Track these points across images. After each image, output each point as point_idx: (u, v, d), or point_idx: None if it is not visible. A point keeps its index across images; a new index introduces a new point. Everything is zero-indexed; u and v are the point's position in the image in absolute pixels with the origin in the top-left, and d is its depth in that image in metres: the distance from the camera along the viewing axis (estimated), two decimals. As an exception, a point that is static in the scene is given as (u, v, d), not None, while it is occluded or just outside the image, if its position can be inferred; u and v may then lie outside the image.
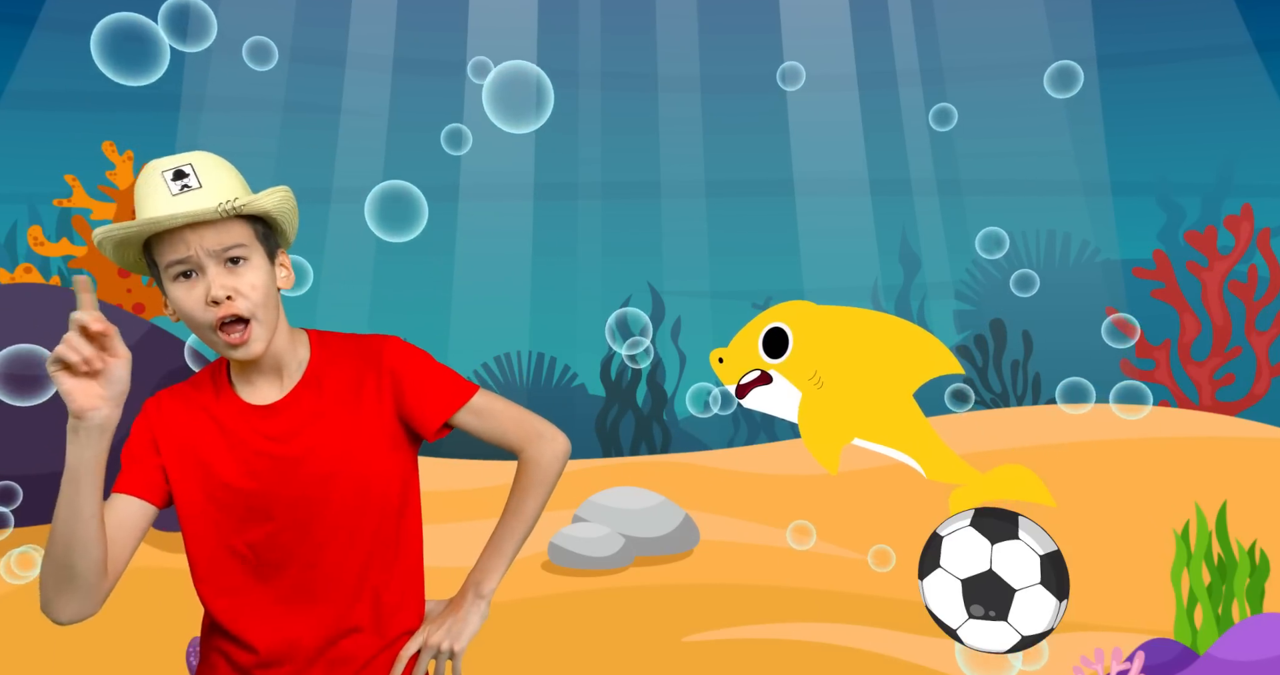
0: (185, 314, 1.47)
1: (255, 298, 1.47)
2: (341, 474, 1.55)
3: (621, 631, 3.84)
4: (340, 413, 1.56)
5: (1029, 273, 5.27)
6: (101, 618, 3.85)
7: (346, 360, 1.60)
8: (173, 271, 1.46)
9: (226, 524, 1.53)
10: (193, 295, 1.45)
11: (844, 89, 8.83)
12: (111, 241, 1.46)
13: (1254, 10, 7.96)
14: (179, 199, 1.43)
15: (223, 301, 1.44)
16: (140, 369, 5.11)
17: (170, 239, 1.44)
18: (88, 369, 1.29)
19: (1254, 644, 2.95)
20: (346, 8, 8.77)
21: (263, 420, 1.54)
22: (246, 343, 1.47)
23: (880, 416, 1.80)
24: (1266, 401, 6.41)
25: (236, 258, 1.47)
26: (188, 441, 1.55)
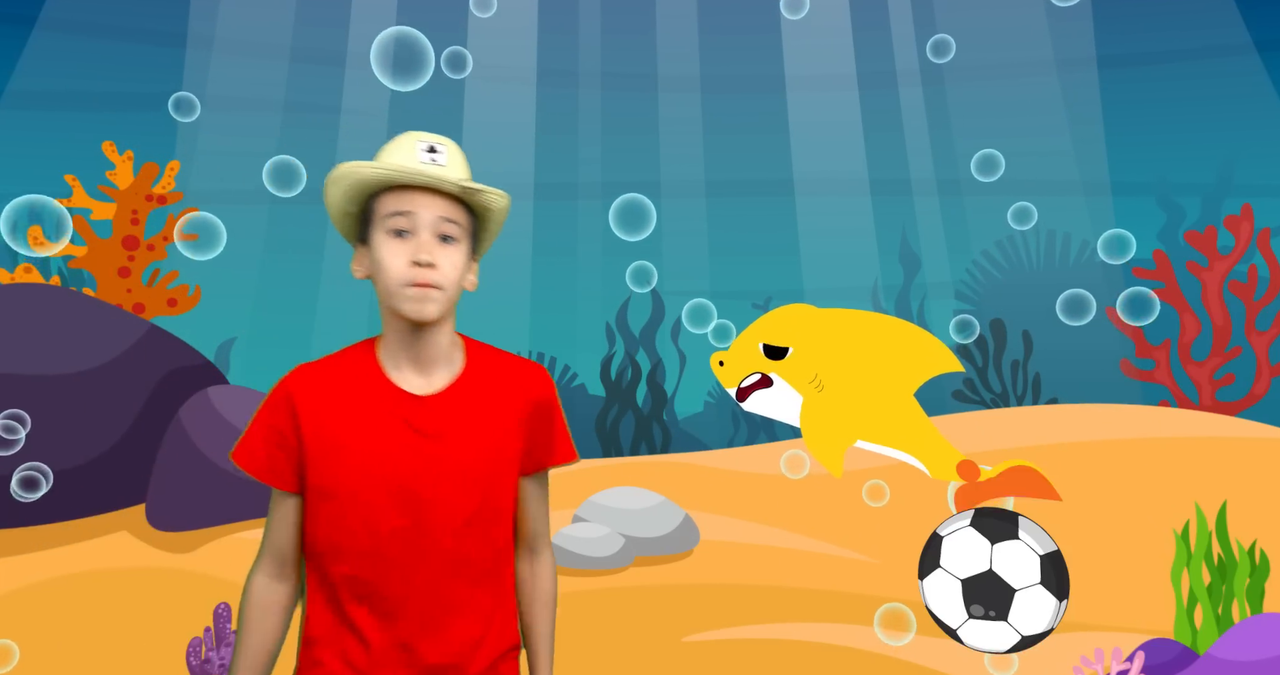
0: (382, 265, 1.53)
1: (451, 276, 1.54)
2: (473, 479, 1.58)
3: (621, 631, 3.84)
4: (485, 422, 1.60)
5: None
6: (101, 617, 3.84)
7: (499, 375, 1.64)
8: (389, 224, 1.53)
9: (365, 507, 1.55)
10: (401, 251, 1.52)
11: (844, 89, 8.83)
12: (352, 178, 1.54)
13: (1254, 10, 7.96)
14: (426, 165, 1.54)
15: (424, 266, 1.51)
16: (140, 369, 5.09)
17: (402, 195, 1.54)
18: None
19: (1254, 644, 2.95)
20: (346, 8, 8.77)
21: (412, 409, 1.57)
22: (426, 300, 1.52)
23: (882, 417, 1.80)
24: (1266, 401, 6.41)
25: (448, 236, 1.55)
26: (331, 417, 1.56)
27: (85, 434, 5.03)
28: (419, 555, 1.56)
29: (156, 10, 8.39)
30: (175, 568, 4.47)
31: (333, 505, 1.55)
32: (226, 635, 3.08)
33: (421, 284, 1.51)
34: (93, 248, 6.35)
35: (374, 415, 1.56)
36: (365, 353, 1.61)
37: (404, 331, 1.57)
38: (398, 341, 1.58)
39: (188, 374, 5.45)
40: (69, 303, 5.37)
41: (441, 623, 1.57)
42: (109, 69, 8.20)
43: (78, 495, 4.99)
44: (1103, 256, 5.27)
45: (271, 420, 1.57)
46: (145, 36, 8.36)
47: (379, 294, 1.57)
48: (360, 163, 1.54)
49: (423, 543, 1.56)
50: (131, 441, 5.12)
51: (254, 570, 1.62)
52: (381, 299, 1.56)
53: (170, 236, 6.53)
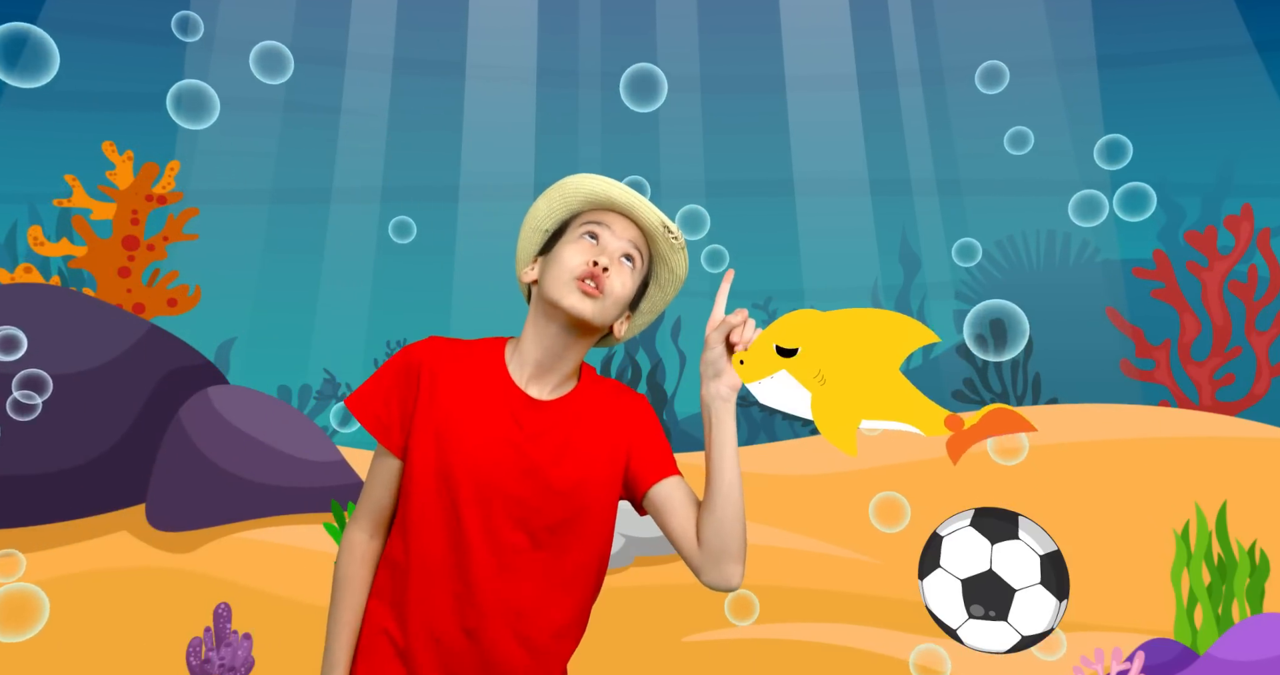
0: (561, 259, 1.59)
1: (618, 292, 1.60)
2: (563, 489, 1.59)
3: (621, 631, 3.84)
4: (590, 439, 1.63)
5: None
6: (102, 617, 3.85)
7: (608, 398, 1.69)
8: (583, 229, 1.62)
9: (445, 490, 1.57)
10: (585, 249, 1.60)
11: (844, 89, 8.83)
12: (578, 190, 1.64)
13: (1254, 10, 7.96)
14: (638, 197, 1.64)
15: (602, 269, 1.58)
16: (140, 369, 5.09)
17: (600, 213, 1.64)
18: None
19: (1254, 644, 2.95)
20: (346, 8, 8.77)
21: (526, 411, 1.60)
22: (590, 297, 1.57)
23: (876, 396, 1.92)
24: (1266, 401, 6.41)
25: (630, 257, 1.63)
26: (450, 395, 1.59)
27: (85, 434, 5.03)
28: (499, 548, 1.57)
29: (156, 10, 8.38)
30: (175, 568, 4.47)
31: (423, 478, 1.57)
32: (226, 635, 3.08)
33: (591, 277, 1.57)
34: (93, 248, 6.35)
35: (488, 406, 1.59)
36: (495, 349, 1.65)
37: (545, 334, 1.61)
38: (534, 343, 1.63)
39: (188, 374, 5.45)
40: (69, 303, 5.37)
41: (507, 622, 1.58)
42: (109, 69, 8.20)
43: (78, 495, 4.99)
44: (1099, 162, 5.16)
45: (396, 380, 1.61)
46: (145, 36, 8.36)
47: (541, 292, 1.61)
48: (586, 176, 1.64)
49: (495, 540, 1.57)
50: (131, 441, 5.12)
51: (353, 526, 1.64)
52: (541, 296, 1.61)
53: (170, 236, 6.53)
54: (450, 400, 1.59)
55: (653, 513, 1.69)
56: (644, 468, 1.67)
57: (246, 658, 3.12)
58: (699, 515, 1.70)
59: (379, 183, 8.60)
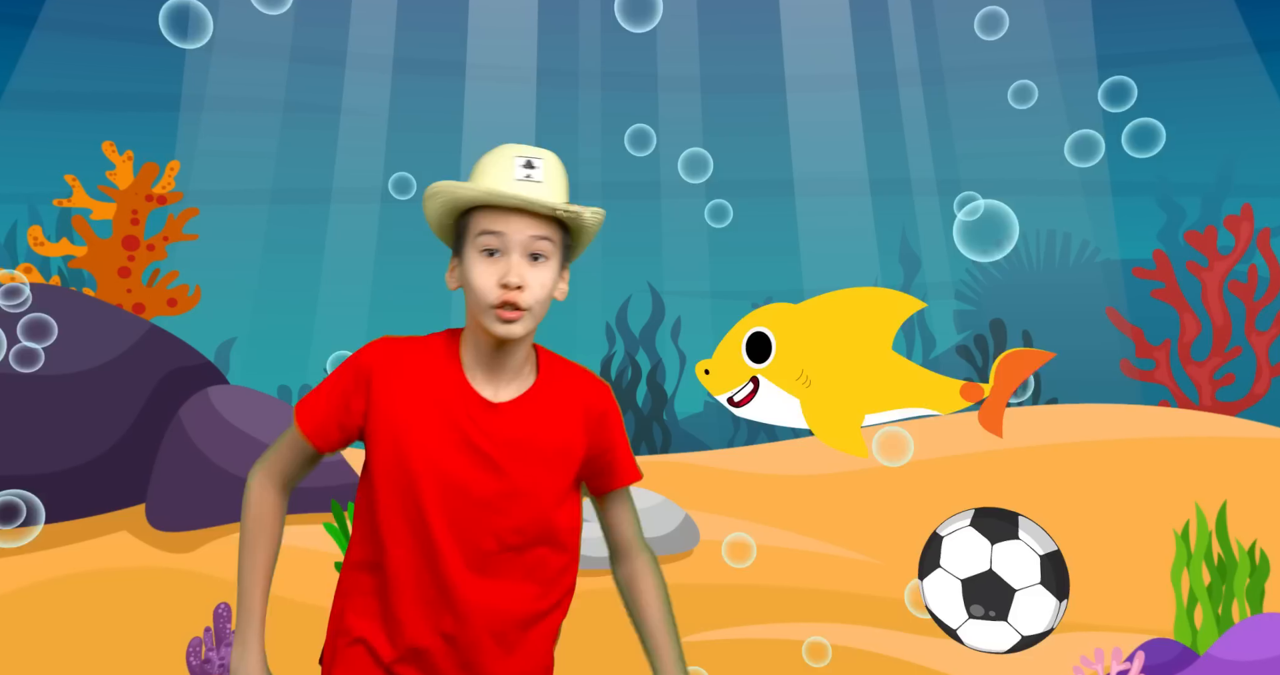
0: (471, 283, 1.56)
1: (539, 295, 1.56)
2: (523, 491, 1.59)
3: (622, 631, 3.83)
4: (547, 438, 1.62)
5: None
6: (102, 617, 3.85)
7: (569, 389, 1.67)
8: (481, 243, 1.55)
9: (409, 496, 1.57)
10: (490, 271, 1.55)
11: (844, 89, 8.83)
12: (446, 196, 1.57)
13: (1254, 10, 7.96)
14: (522, 184, 1.55)
15: (513, 288, 1.53)
16: (140, 369, 5.09)
17: (495, 215, 1.55)
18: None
19: (1254, 644, 2.95)
20: (346, 8, 8.77)
21: (484, 413, 1.59)
22: (513, 323, 1.55)
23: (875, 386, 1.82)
24: (1266, 401, 6.40)
25: (539, 254, 1.56)
26: (405, 399, 1.59)
27: (85, 434, 5.03)
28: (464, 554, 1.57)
29: (156, 10, 8.38)
30: (175, 568, 4.47)
31: (387, 483, 1.58)
32: (226, 635, 3.08)
33: (509, 304, 1.53)
34: (93, 248, 6.35)
35: (443, 409, 1.58)
36: (450, 346, 1.64)
37: (486, 344, 1.60)
38: (477, 349, 1.61)
39: (188, 374, 5.44)
40: (69, 303, 5.37)
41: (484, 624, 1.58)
42: (109, 69, 8.19)
43: (78, 495, 4.99)
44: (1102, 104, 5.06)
45: (343, 387, 1.61)
46: (145, 36, 8.35)
47: (467, 307, 1.60)
48: (454, 183, 1.57)
49: (463, 544, 1.57)
50: (131, 441, 5.12)
51: (263, 476, 1.65)
52: (469, 312, 1.59)
53: (170, 236, 6.53)
54: (406, 404, 1.58)
55: (596, 511, 1.75)
56: (599, 473, 1.69)
57: (246, 658, 3.11)
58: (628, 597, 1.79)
59: (379, 183, 8.60)
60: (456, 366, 1.61)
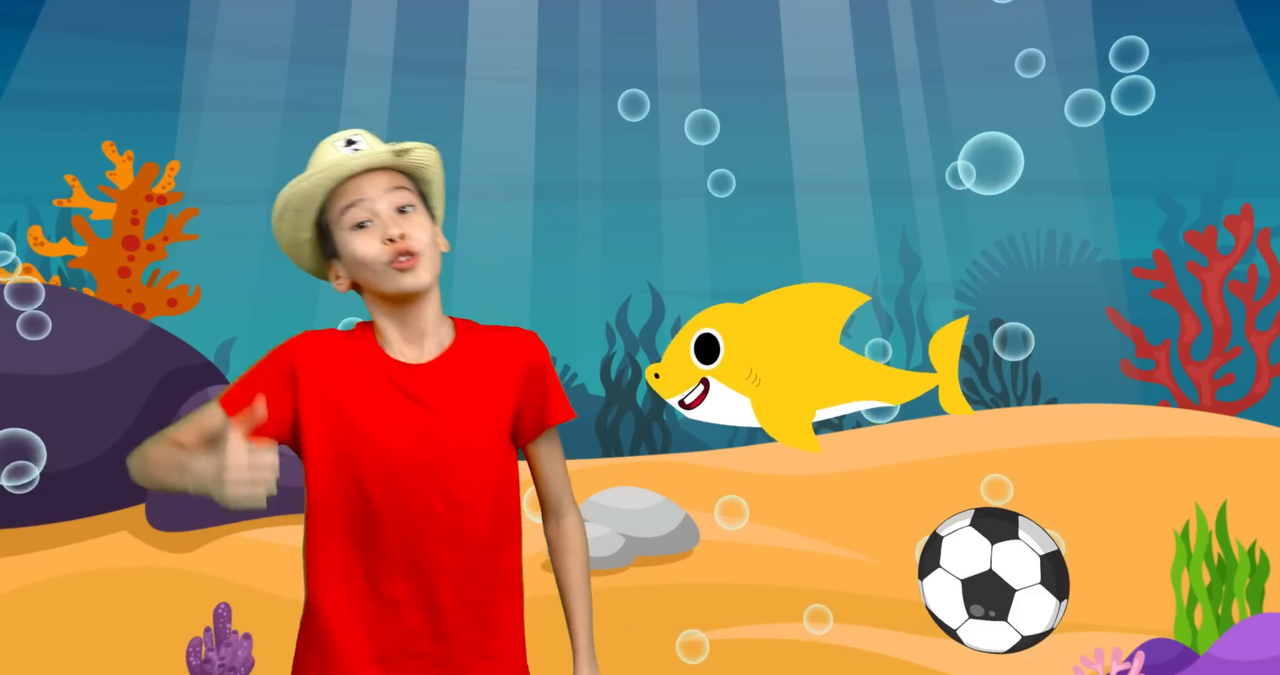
0: (361, 257, 1.57)
1: (425, 238, 1.59)
2: (465, 445, 1.61)
3: (621, 631, 3.84)
4: (477, 388, 1.64)
5: None
6: (102, 617, 3.85)
7: (490, 344, 1.69)
8: (347, 221, 1.58)
9: (350, 471, 1.58)
10: (370, 238, 1.57)
11: (844, 89, 8.83)
12: (294, 203, 1.60)
13: (1254, 10, 7.96)
14: (350, 155, 1.60)
15: (398, 239, 1.56)
16: (140, 369, 5.09)
17: (343, 189, 1.59)
18: None
19: (1254, 644, 2.95)
20: (346, 8, 8.77)
21: (406, 377, 1.61)
22: (414, 269, 1.57)
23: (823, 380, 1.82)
24: (1266, 401, 6.40)
25: (405, 207, 1.60)
26: (329, 385, 1.60)
27: (85, 434, 5.03)
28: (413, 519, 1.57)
29: (156, 10, 8.38)
30: (175, 568, 4.47)
31: (327, 465, 1.58)
32: (226, 635, 3.08)
33: (403, 253, 1.56)
34: (93, 248, 6.35)
35: (368, 382, 1.60)
36: (364, 330, 1.66)
37: (393, 312, 1.62)
38: (387, 321, 1.63)
39: (188, 374, 5.45)
40: (69, 303, 5.37)
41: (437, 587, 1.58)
42: (109, 69, 8.19)
43: (78, 495, 4.99)
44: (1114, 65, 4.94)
45: (268, 373, 1.62)
46: (145, 36, 8.35)
47: (366, 289, 1.62)
48: (296, 179, 1.60)
49: (415, 507, 1.57)
50: (131, 441, 5.09)
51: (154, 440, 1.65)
52: (370, 291, 1.61)
53: (170, 236, 6.53)
54: (332, 386, 1.60)
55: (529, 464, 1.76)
56: (530, 415, 1.70)
57: (246, 658, 3.12)
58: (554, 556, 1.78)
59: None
60: (373, 343, 1.63)
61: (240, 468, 1.38)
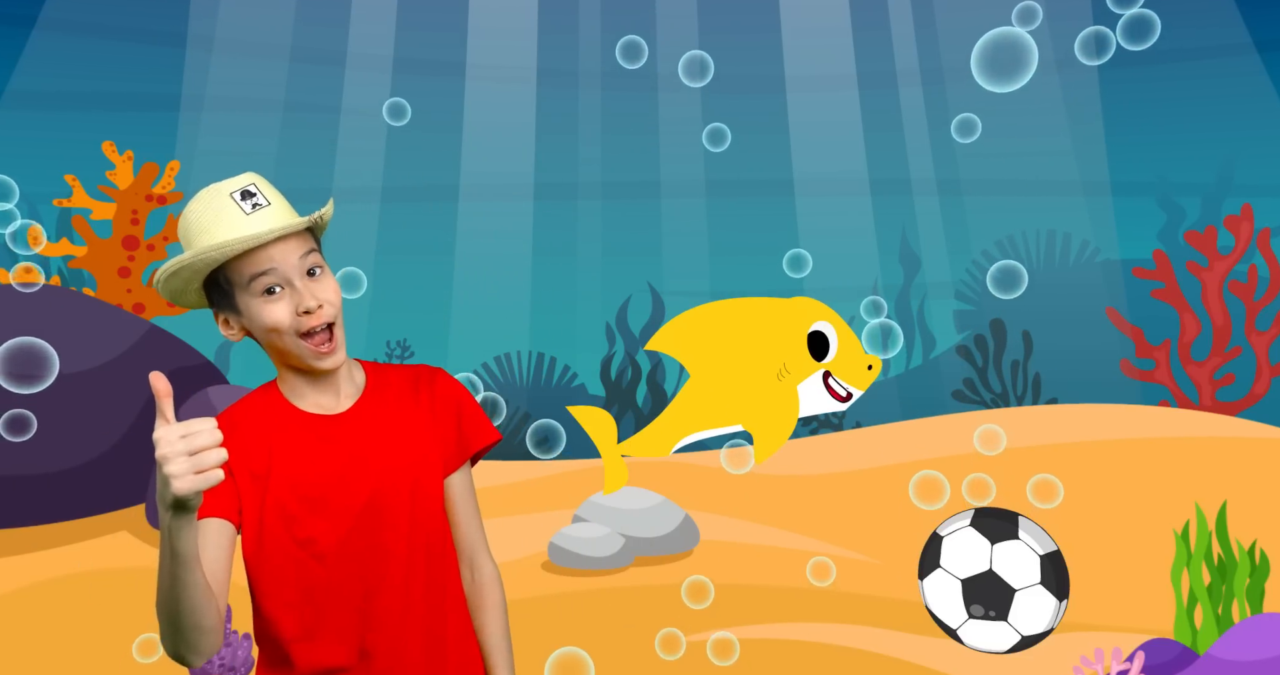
0: (271, 326, 1.50)
1: (335, 300, 1.54)
2: (401, 485, 1.58)
3: (621, 631, 3.83)
4: (399, 427, 1.61)
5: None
6: (102, 617, 3.85)
7: (401, 384, 1.66)
8: (258, 286, 1.49)
9: (292, 532, 1.54)
10: (282, 307, 1.50)
11: (844, 89, 8.83)
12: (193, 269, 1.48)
13: (1254, 10, 7.96)
14: (255, 217, 1.49)
15: (314, 310, 1.50)
16: (140, 369, 5.09)
17: (254, 256, 1.48)
18: None
19: (1254, 644, 2.95)
20: (346, 8, 8.77)
21: (328, 428, 1.58)
22: (334, 351, 1.54)
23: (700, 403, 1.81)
24: (1266, 401, 6.40)
25: (313, 269, 1.53)
26: (256, 454, 1.55)
27: (85, 434, 5.03)
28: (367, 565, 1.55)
29: (156, 10, 8.38)
30: (175, 568, 4.46)
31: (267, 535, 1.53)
32: (226, 635, 3.08)
33: (316, 335, 1.51)
34: (93, 248, 6.35)
35: (295, 442, 1.56)
36: (270, 392, 1.61)
37: (301, 375, 1.58)
38: (295, 378, 1.59)
39: (188, 374, 5.45)
40: (69, 303, 5.37)
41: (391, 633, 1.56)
42: (109, 69, 8.19)
43: (78, 495, 4.99)
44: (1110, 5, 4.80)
45: None
46: (145, 36, 8.35)
47: (273, 351, 1.55)
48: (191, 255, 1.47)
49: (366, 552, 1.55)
50: (131, 441, 5.12)
51: None
52: (278, 354, 1.55)
53: (170, 236, 6.53)
54: (262, 459, 1.54)
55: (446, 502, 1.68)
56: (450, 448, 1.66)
57: (246, 658, 3.12)
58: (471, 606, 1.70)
59: (379, 183, 8.60)
60: (286, 404, 1.59)
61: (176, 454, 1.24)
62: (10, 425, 4.38)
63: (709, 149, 5.55)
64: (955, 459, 5.37)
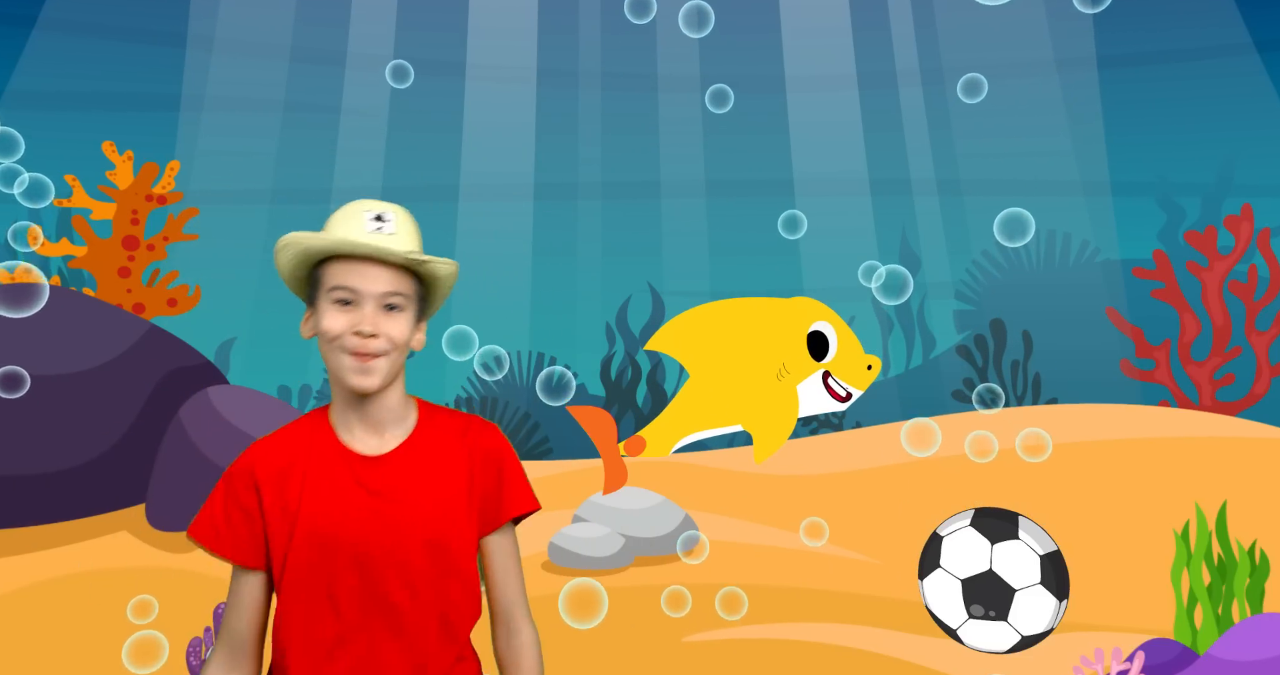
0: (325, 331, 1.55)
1: (397, 339, 1.56)
2: (424, 538, 1.57)
3: (621, 631, 3.83)
4: (438, 479, 1.60)
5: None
6: (102, 617, 3.86)
7: (451, 433, 1.65)
8: (335, 295, 1.55)
9: (322, 570, 1.55)
10: (342, 319, 1.54)
11: (844, 89, 8.83)
12: (297, 248, 1.57)
13: (1254, 10, 7.96)
14: (374, 235, 1.55)
15: (367, 337, 1.53)
16: (140, 369, 5.09)
17: (348, 266, 1.55)
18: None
19: (1254, 644, 2.95)
20: (346, 8, 8.77)
21: (365, 469, 1.58)
22: (370, 371, 1.54)
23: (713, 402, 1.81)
24: (1266, 401, 6.41)
25: (393, 305, 1.56)
26: (289, 487, 1.57)
27: (85, 434, 5.03)
28: (376, 615, 1.55)
29: (156, 10, 8.38)
30: (175, 568, 4.46)
31: (297, 578, 1.54)
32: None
33: (362, 354, 1.53)
34: (93, 248, 6.35)
35: (328, 478, 1.57)
36: (319, 419, 1.62)
37: (351, 398, 1.59)
38: (346, 406, 1.60)
39: (188, 374, 5.45)
40: (69, 303, 5.37)
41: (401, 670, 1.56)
42: (109, 69, 8.19)
43: (78, 495, 4.99)
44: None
45: (233, 494, 1.57)
46: (145, 36, 8.35)
47: (324, 359, 1.58)
48: (306, 234, 1.56)
49: (378, 602, 1.56)
50: (131, 441, 5.12)
51: (207, 663, 1.61)
52: (327, 364, 1.58)
53: (170, 236, 6.53)
54: (295, 491, 1.56)
55: (482, 559, 1.68)
56: (485, 509, 1.64)
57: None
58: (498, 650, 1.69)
59: (379, 183, 8.60)
60: (330, 435, 1.60)
61: None
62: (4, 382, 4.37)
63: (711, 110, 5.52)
64: (955, 459, 5.37)
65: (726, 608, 3.59)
